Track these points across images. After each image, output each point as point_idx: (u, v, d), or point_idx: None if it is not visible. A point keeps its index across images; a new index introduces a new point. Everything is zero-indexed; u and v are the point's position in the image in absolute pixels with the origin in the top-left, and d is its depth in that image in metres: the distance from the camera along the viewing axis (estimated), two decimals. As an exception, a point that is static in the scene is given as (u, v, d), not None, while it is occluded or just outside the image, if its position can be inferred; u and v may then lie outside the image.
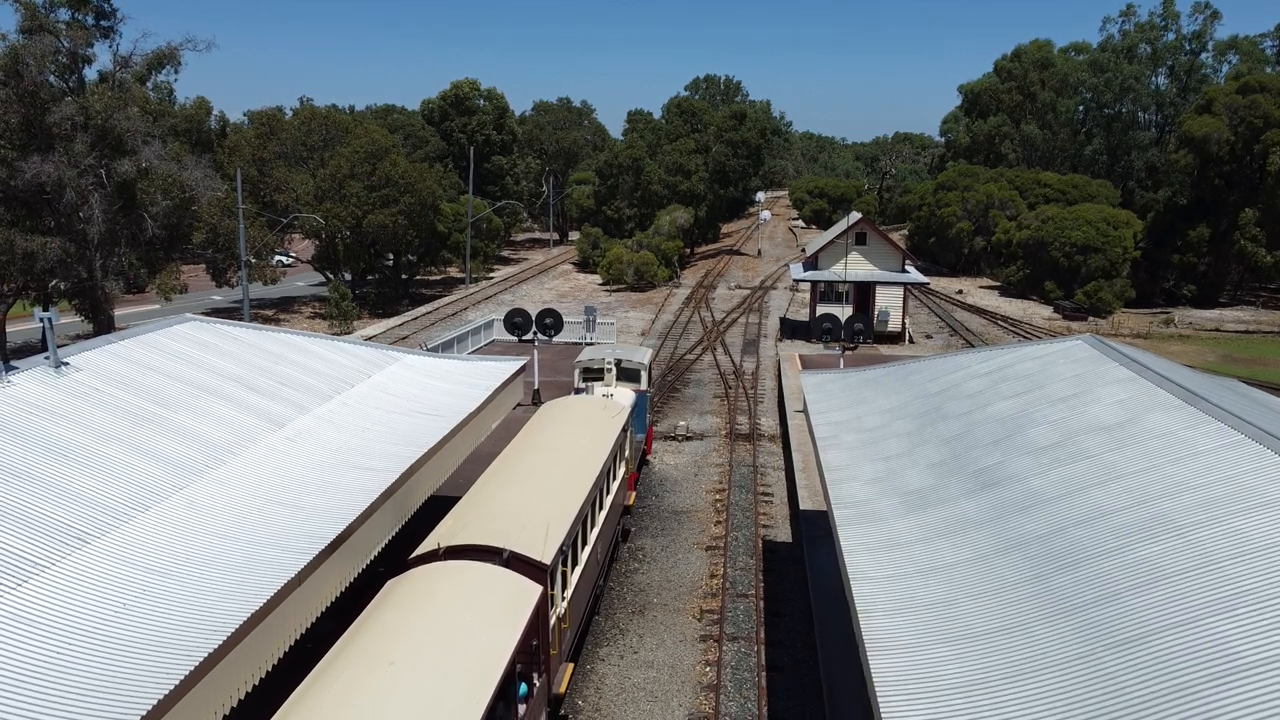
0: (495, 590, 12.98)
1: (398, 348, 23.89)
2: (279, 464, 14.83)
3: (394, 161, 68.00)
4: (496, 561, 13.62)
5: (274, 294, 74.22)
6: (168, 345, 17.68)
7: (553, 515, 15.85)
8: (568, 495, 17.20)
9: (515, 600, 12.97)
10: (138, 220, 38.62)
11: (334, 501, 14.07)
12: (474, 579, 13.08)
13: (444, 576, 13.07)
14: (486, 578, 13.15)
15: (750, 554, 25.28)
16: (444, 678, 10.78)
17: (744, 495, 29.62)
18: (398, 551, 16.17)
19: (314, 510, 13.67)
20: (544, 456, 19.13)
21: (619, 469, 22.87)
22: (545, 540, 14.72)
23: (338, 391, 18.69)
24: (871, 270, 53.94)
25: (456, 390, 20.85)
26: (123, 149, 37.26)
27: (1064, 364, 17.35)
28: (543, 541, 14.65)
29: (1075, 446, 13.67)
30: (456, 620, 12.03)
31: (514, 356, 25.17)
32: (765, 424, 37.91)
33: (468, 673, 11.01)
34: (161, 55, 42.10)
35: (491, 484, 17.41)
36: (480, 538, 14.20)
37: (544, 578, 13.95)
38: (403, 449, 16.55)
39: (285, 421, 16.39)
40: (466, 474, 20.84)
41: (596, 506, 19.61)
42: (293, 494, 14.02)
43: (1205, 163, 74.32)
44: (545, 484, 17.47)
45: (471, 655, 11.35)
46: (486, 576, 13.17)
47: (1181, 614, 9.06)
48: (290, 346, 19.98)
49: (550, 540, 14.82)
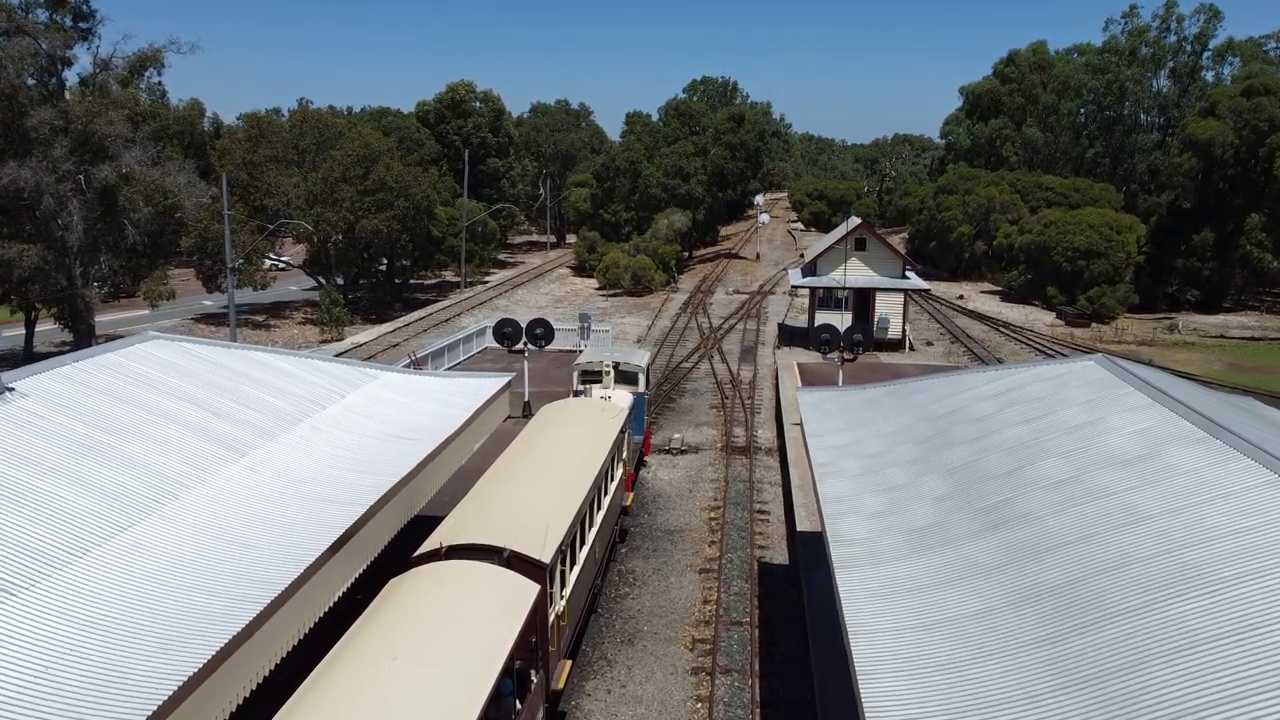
0: (495, 589, 13.36)
1: (375, 365, 22.86)
2: (237, 497, 13.82)
3: (388, 165, 66.99)
4: (497, 560, 13.99)
5: (266, 299, 73.18)
6: (125, 367, 16.66)
7: (552, 515, 16.26)
8: (567, 496, 17.63)
9: (514, 598, 13.30)
10: (119, 227, 37.55)
11: (293, 539, 13.06)
12: (474, 577, 13.48)
13: (445, 575, 13.51)
14: (486, 576, 13.53)
15: (745, 578, 24.27)
16: (444, 673, 11.21)
17: (740, 513, 28.61)
18: (393, 553, 15.99)
19: (270, 550, 12.66)
20: (543, 458, 19.68)
21: (617, 470, 23.27)
22: (544, 540, 15.08)
23: (307, 414, 17.68)
24: (871, 276, 52.93)
25: (435, 410, 19.84)
26: (103, 154, 36.17)
27: (1077, 387, 16.35)
28: (542, 541, 15.01)
29: (1093, 482, 12.66)
30: (457, 617, 12.42)
31: (504, 366, 24.37)
32: (762, 436, 36.90)
33: (468, 668, 11.45)
34: (144, 58, 41.02)
35: (493, 484, 17.93)
36: (481, 537, 14.65)
37: (543, 576, 14.29)
38: (373, 478, 15.54)
39: (247, 449, 15.37)
40: (453, 490, 20.00)
41: (595, 507, 20.02)
42: (249, 531, 13.01)
43: (1209, 166, 73.35)
44: (545, 484, 17.94)
45: (472, 651, 11.75)
46: (487, 575, 13.56)
47: (1222, 689, 8.06)
48: (259, 365, 18.95)
49: (549, 540, 15.20)
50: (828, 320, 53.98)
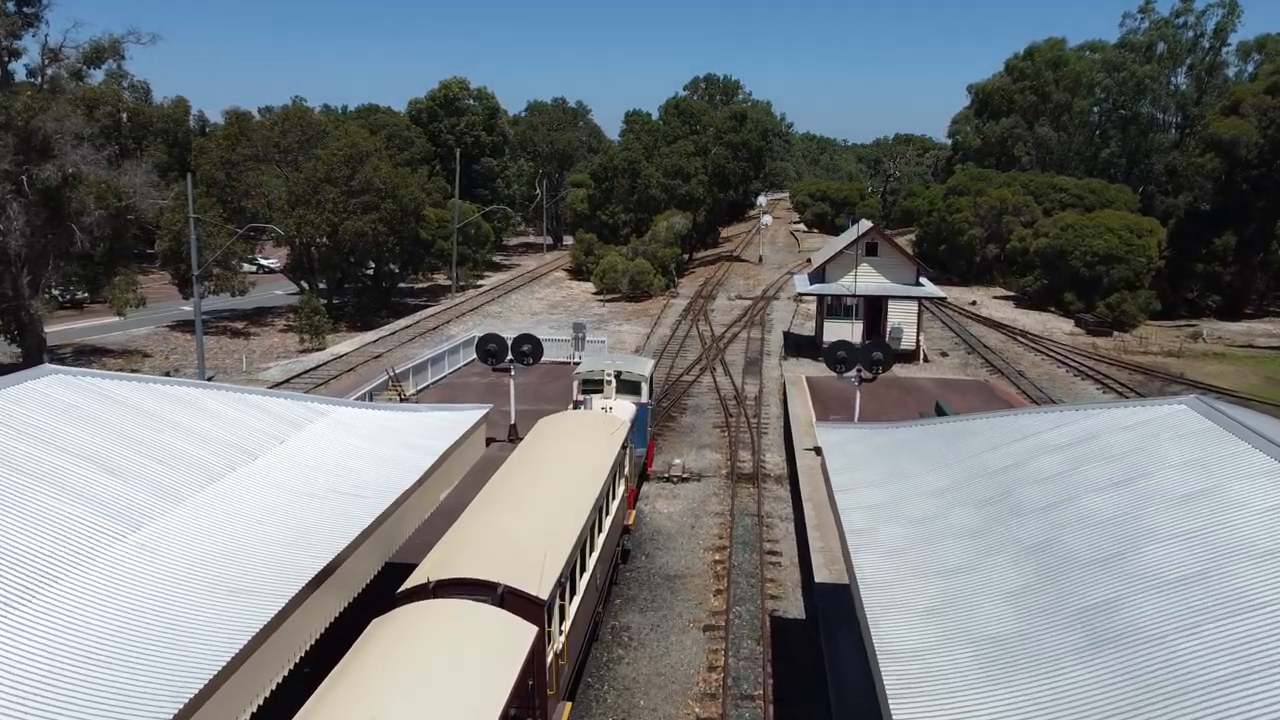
0: (488, 634, 12.33)
1: (329, 398, 19.80)
2: (117, 593, 10.81)
3: (375, 165, 63.92)
4: (490, 597, 13.10)
5: (249, 304, 70.07)
6: (8, 412, 13.64)
7: (550, 543, 15.18)
8: (566, 520, 16.53)
9: (510, 643, 12.33)
10: (67, 232, 34.42)
11: (187, 650, 10.06)
12: (465, 620, 12.46)
13: (432, 617, 12.43)
14: (479, 619, 12.55)
15: (756, 637, 21.27)
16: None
17: (748, 555, 25.61)
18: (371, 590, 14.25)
19: (154, 671, 9.66)
20: (540, 477, 18.56)
21: (619, 487, 22.14)
22: (542, 573, 13.99)
23: (234, 466, 14.66)
24: (883, 283, 49.93)
25: (395, 455, 16.83)
26: (48, 153, 32.99)
27: (1170, 441, 13.32)
28: (539, 574, 13.90)
29: (1227, 583, 9.65)
30: (445, 668, 11.38)
31: (492, 381, 21.57)
32: (771, 461, 33.88)
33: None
34: (100, 48, 37.85)
35: (486, 507, 16.72)
36: (472, 570, 13.62)
37: (541, 615, 13.35)
38: (303, 555, 12.53)
39: (145, 519, 12.35)
40: (424, 536, 17.09)
41: (596, 530, 18.79)
42: (126, 644, 10.00)
43: (1233, 167, 70.34)
44: (542, 507, 16.85)
45: (462, 711, 10.68)
46: (479, 617, 12.57)
47: None
48: (181, 405, 15.91)
49: (547, 572, 14.12)
50: (836, 328, 51.02)
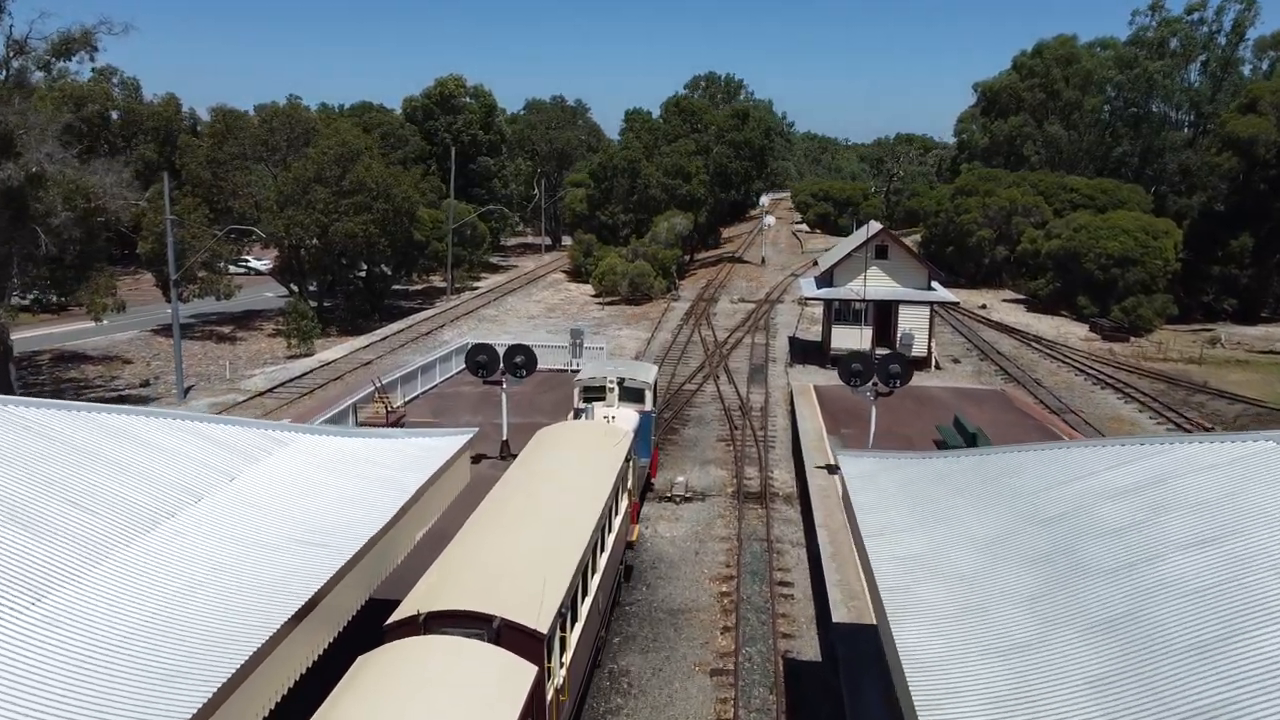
0: (483, 675, 11.62)
1: (291, 425, 17.82)
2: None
3: (366, 165, 61.93)
4: (486, 632, 12.39)
5: (237, 307, 68.12)
6: (-98, 451, 11.69)
7: (550, 568, 14.37)
8: (566, 542, 15.64)
9: (507, 684, 11.62)
10: (31, 234, 32.44)
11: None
12: (458, 660, 11.78)
13: (423, 656, 11.74)
14: (473, 658, 11.87)
15: (769, 684, 19.32)
16: None
17: (758, 586, 23.66)
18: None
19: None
20: (539, 494, 17.75)
21: (622, 502, 21.21)
22: (542, 603, 13.22)
23: (172, 511, 12.70)
24: (894, 288, 47.98)
25: (363, 492, 14.86)
26: (9, 150, 31.00)
27: (1261, 486, 11.38)
28: (538, 605, 13.13)
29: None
30: (436, 715, 10.71)
31: (485, 392, 19.97)
32: (779, 479, 31.92)
33: None
34: (70, 39, 35.90)
35: (480, 529, 15.83)
36: (466, 602, 12.90)
37: (540, 651, 12.67)
38: (243, 625, 10.56)
39: (50, 586, 10.40)
40: (414, 560, 15.22)
41: (598, 550, 17.79)
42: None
43: (1250, 166, 68.36)
44: (540, 528, 16.03)
45: None
46: (473, 656, 11.91)
47: None
48: (117, 436, 13.94)
49: (547, 602, 13.33)
50: (844, 335, 49.15)
